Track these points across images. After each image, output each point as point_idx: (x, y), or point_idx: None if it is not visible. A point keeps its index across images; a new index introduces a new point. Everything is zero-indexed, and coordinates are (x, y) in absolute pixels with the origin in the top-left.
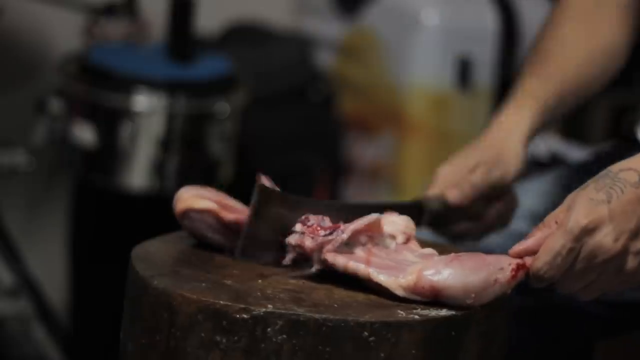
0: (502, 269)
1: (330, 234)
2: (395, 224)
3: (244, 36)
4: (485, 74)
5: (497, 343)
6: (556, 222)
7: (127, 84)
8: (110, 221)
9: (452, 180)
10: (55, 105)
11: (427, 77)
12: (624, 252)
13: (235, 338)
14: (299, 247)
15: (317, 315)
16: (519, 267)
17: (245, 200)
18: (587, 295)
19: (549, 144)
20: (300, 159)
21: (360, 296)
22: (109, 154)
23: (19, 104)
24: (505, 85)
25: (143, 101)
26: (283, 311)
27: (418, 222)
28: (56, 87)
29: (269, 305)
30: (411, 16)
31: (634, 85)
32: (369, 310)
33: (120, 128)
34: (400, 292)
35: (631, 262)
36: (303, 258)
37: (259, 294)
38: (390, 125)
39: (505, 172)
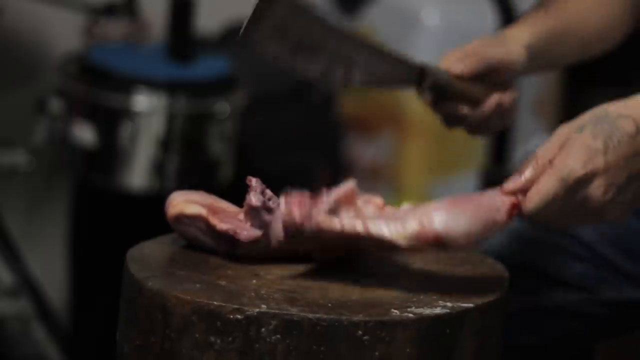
0: (498, 209)
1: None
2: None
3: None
4: None
5: (493, 341)
6: (550, 162)
7: (127, 84)
8: (110, 221)
9: (456, 58)
10: (55, 105)
11: None
12: (610, 204)
13: (230, 339)
14: (289, 216)
15: (310, 315)
16: (513, 206)
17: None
18: (564, 230)
19: None
20: (300, 159)
21: (355, 295)
22: (109, 154)
23: (19, 104)
24: None
25: (143, 101)
26: (277, 311)
27: (419, 85)
28: (56, 87)
29: (263, 306)
30: (411, 16)
31: (634, 85)
32: (363, 309)
33: (120, 128)
34: (403, 242)
35: (613, 212)
36: (294, 233)
37: (253, 294)
38: (390, 125)
39: (508, 52)
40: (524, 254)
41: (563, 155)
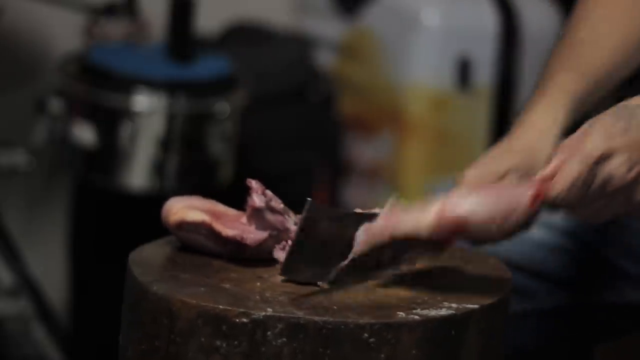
0: (521, 195)
1: None
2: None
3: (244, 36)
4: (485, 74)
5: (496, 341)
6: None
7: (127, 84)
8: (110, 221)
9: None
10: (55, 105)
11: (427, 77)
12: (634, 183)
13: (236, 342)
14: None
15: (316, 318)
16: (537, 195)
17: (243, 203)
18: (594, 221)
19: None
20: (300, 159)
21: (360, 297)
22: (109, 154)
23: (19, 104)
24: (505, 85)
25: (143, 101)
26: (282, 314)
27: None
28: (56, 87)
29: (269, 309)
30: (411, 16)
31: (634, 85)
32: (369, 312)
33: (120, 128)
34: (424, 233)
35: (639, 193)
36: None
37: (258, 297)
38: (390, 125)
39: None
40: (524, 255)
41: (584, 137)
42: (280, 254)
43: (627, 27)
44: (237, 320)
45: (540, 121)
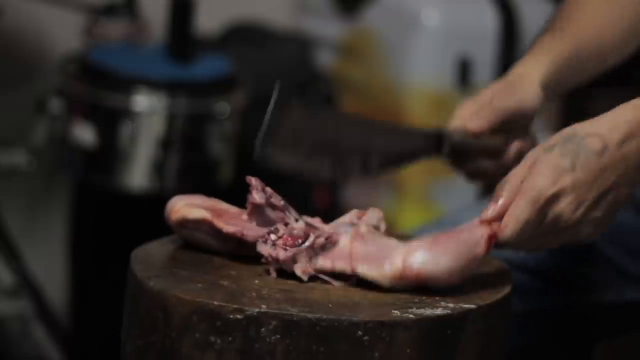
0: (477, 243)
1: (303, 242)
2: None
3: (244, 36)
4: (485, 74)
5: (496, 342)
6: (521, 183)
7: (127, 84)
8: (110, 221)
9: (470, 112)
10: (55, 105)
11: (427, 77)
12: (581, 221)
13: (230, 338)
14: (272, 259)
15: (310, 315)
16: (490, 237)
17: (245, 202)
18: (538, 251)
19: None
20: None
21: (357, 295)
22: (109, 154)
23: (19, 104)
24: None
25: (143, 101)
26: (276, 311)
27: (438, 151)
28: (56, 87)
29: (263, 306)
30: (411, 16)
31: (634, 85)
32: (364, 310)
33: (120, 128)
34: (387, 283)
35: (586, 229)
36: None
37: (254, 294)
38: None
39: (522, 99)
40: (525, 256)
41: (532, 176)
42: (263, 248)
43: (613, 11)
44: (231, 316)
45: (524, 68)
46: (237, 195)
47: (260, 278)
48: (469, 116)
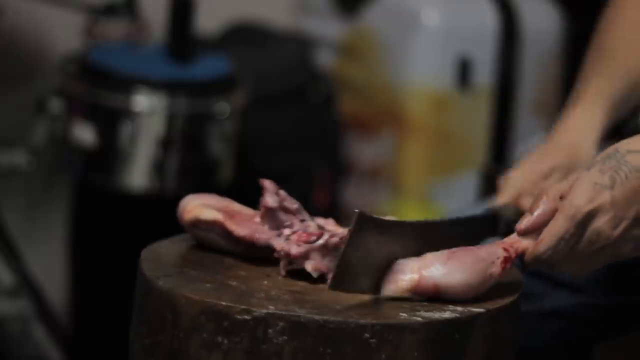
0: (493, 263)
1: (317, 239)
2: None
3: (244, 36)
4: (485, 74)
5: (504, 346)
6: (560, 198)
7: (127, 84)
8: (110, 221)
9: (524, 187)
10: (55, 105)
11: (427, 77)
12: (621, 239)
13: (237, 339)
14: (285, 253)
15: (317, 317)
16: (506, 260)
17: (249, 202)
18: (579, 274)
19: None
20: (300, 159)
21: (367, 297)
22: (109, 154)
23: (19, 104)
24: (505, 85)
25: (143, 101)
26: (284, 312)
27: (493, 232)
28: (56, 87)
29: (271, 307)
30: (411, 16)
31: None
32: (372, 312)
33: (120, 128)
34: (403, 294)
35: (626, 247)
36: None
37: (262, 295)
38: (390, 125)
39: (579, 173)
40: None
41: (571, 192)
42: (276, 242)
43: None
44: (239, 317)
45: (579, 122)
46: (237, 195)
47: (270, 279)
48: (522, 193)
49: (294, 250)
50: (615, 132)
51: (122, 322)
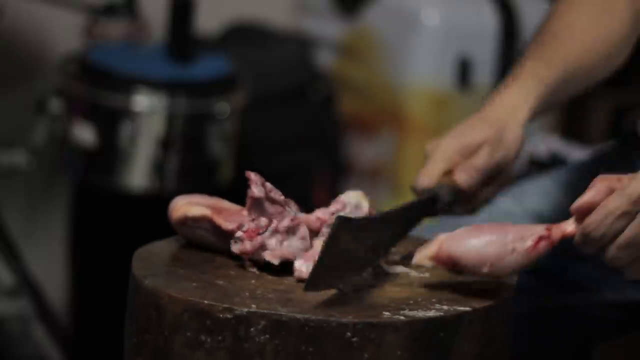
0: (522, 238)
1: (266, 229)
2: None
3: (244, 36)
4: (485, 74)
5: (496, 346)
6: (618, 180)
7: (127, 84)
8: (110, 221)
9: (456, 159)
10: (55, 105)
11: (427, 77)
12: None
13: (220, 338)
14: (243, 253)
15: (299, 315)
16: (541, 238)
17: (244, 202)
18: (633, 274)
19: (549, 144)
20: (300, 159)
21: (352, 297)
22: (109, 154)
23: (19, 104)
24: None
25: (143, 101)
26: (265, 311)
27: (433, 213)
28: (56, 87)
29: (253, 305)
30: (411, 16)
31: (634, 85)
32: (354, 311)
33: (120, 128)
34: (428, 263)
35: None
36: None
37: (247, 294)
38: (390, 125)
39: (507, 154)
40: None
41: (630, 179)
42: (234, 247)
43: (598, 30)
44: (221, 315)
45: (510, 100)
46: (237, 195)
47: (258, 278)
48: (455, 168)
49: (249, 246)
50: (615, 132)
51: (122, 322)
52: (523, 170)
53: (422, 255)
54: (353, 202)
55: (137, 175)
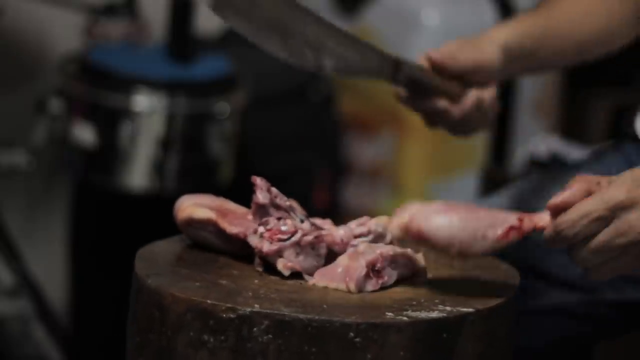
0: (493, 226)
1: (290, 237)
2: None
3: (244, 36)
4: None
5: (499, 346)
6: (597, 183)
7: (127, 84)
8: (110, 221)
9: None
10: (55, 105)
11: None
12: None
13: (222, 337)
14: (258, 250)
15: (302, 316)
16: (512, 228)
17: (248, 202)
18: (598, 275)
19: (549, 144)
20: (300, 159)
21: (354, 298)
22: (109, 154)
23: (19, 104)
24: (505, 85)
25: (143, 101)
26: (269, 311)
27: (395, 79)
28: (56, 87)
29: (256, 305)
30: (411, 16)
31: (634, 85)
32: (358, 311)
33: (120, 128)
34: (397, 232)
35: None
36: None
37: (250, 293)
38: (390, 125)
39: (481, 53)
40: (526, 255)
41: (611, 182)
42: (252, 239)
43: (597, 5)
44: (224, 315)
45: (490, 35)
46: (237, 195)
47: (261, 278)
48: (429, 59)
49: (266, 247)
50: (615, 132)
51: (122, 322)
52: (523, 170)
53: (394, 224)
54: (379, 230)
55: (137, 175)
